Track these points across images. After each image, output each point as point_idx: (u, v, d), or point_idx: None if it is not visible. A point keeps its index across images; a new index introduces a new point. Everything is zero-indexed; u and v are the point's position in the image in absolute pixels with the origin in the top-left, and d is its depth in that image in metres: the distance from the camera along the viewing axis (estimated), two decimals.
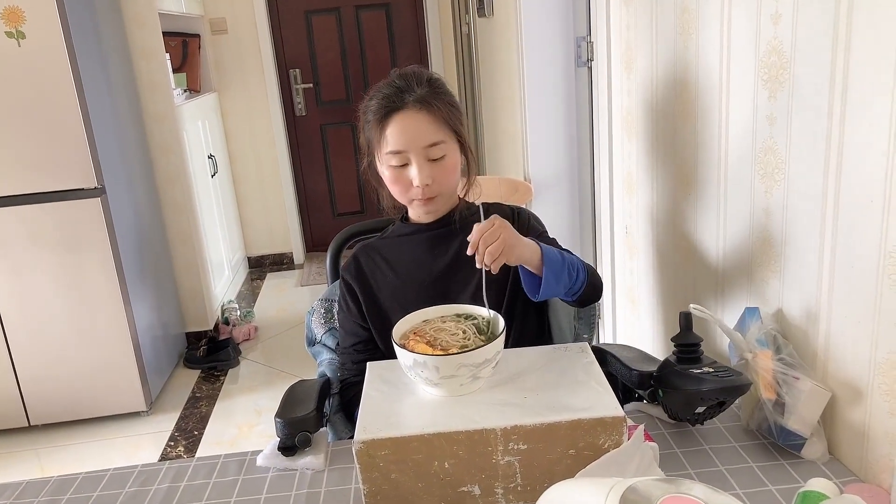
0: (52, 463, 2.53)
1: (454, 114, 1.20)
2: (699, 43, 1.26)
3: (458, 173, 1.22)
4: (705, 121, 1.27)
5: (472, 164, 1.25)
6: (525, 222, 1.29)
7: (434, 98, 1.17)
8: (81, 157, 2.47)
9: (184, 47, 3.89)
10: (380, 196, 1.29)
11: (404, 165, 1.17)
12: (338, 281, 1.35)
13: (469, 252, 1.02)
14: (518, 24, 2.33)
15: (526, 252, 1.05)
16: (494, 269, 1.01)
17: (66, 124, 2.43)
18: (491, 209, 1.26)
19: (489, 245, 1.00)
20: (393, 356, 1.00)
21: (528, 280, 1.09)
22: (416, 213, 1.27)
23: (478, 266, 1.02)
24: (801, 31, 0.97)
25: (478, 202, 1.14)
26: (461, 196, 1.29)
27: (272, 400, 1.01)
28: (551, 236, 1.29)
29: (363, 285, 1.27)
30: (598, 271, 2.11)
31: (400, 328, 1.03)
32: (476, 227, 1.02)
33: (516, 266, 1.09)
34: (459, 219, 1.25)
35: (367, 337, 1.27)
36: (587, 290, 1.15)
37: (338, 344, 1.34)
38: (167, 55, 3.17)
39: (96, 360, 2.66)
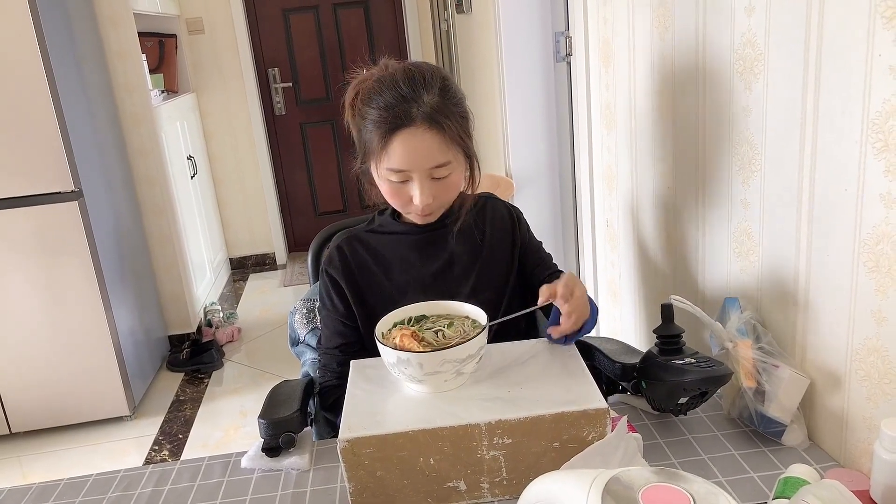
0: (35, 470, 2.50)
1: (464, 126, 1.10)
2: (675, 36, 1.27)
3: (462, 185, 1.15)
4: (683, 113, 1.28)
5: (477, 172, 1.17)
6: (525, 230, 1.27)
7: (445, 113, 1.05)
8: (57, 161, 2.43)
9: (160, 48, 3.85)
10: (369, 194, 1.20)
11: (405, 181, 1.09)
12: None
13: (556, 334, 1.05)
14: (496, 20, 2.34)
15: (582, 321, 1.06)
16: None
17: (41, 127, 2.40)
18: (488, 204, 1.25)
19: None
20: (378, 356, 0.99)
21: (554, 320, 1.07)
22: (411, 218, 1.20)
23: (556, 336, 1.05)
24: (775, 23, 0.98)
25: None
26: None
27: (257, 401, 1.01)
28: (538, 239, 1.29)
29: (349, 280, 1.19)
30: (581, 265, 2.13)
31: (383, 325, 1.02)
32: (560, 296, 1.02)
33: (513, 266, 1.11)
34: (455, 219, 1.19)
35: (353, 338, 1.20)
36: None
37: (319, 342, 1.28)
38: (143, 56, 3.14)
39: (77, 365, 2.63)
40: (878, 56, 0.80)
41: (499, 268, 1.22)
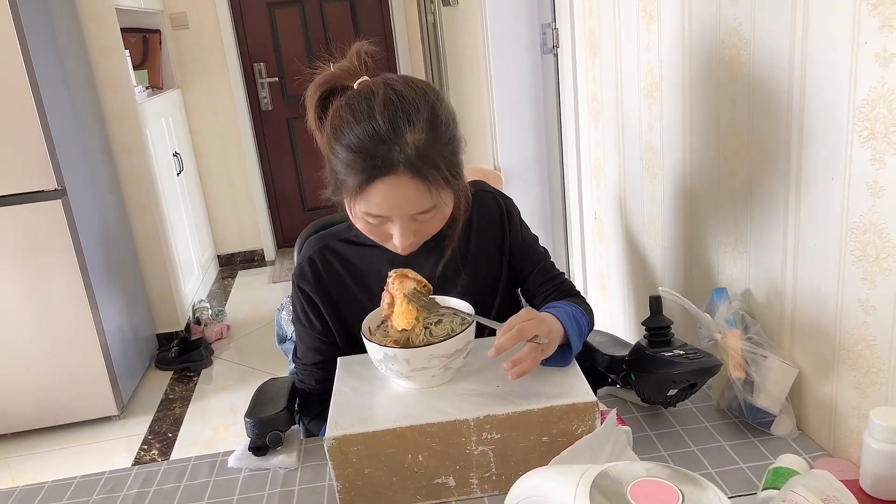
0: (23, 472, 2.48)
1: (453, 164, 0.93)
2: (661, 26, 1.26)
3: (448, 215, 1.00)
4: (669, 104, 1.27)
5: (465, 202, 1.03)
6: (516, 229, 1.13)
7: (432, 158, 0.89)
8: (40, 159, 2.40)
9: (144, 43, 3.80)
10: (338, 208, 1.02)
11: (384, 223, 0.96)
12: None
13: (492, 354, 0.90)
14: (483, 12, 2.32)
15: (555, 345, 0.95)
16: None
17: (23, 125, 2.36)
18: (476, 199, 1.11)
19: (524, 370, 0.89)
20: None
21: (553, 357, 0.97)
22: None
23: (506, 371, 0.91)
24: (760, 11, 0.97)
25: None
26: None
27: (247, 398, 1.00)
28: (534, 234, 1.18)
29: (323, 294, 1.10)
30: (569, 258, 2.13)
31: (370, 321, 1.01)
32: (503, 340, 0.89)
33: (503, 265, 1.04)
34: (442, 245, 1.08)
35: (330, 353, 1.10)
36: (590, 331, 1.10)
37: (295, 355, 1.17)
38: (126, 52, 3.10)
39: (64, 365, 2.60)
40: (865, 43, 0.80)
41: (485, 279, 1.12)
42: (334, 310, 1.11)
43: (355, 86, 0.97)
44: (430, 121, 0.90)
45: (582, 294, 1.18)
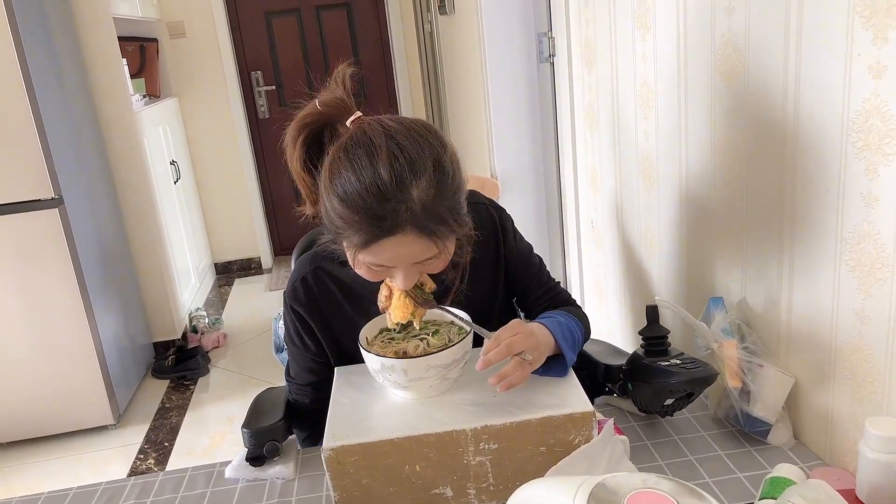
0: (18, 481, 2.47)
1: (459, 212, 0.89)
2: (657, 36, 1.27)
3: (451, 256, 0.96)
4: (665, 113, 1.28)
5: (468, 245, 1.01)
6: (511, 242, 1.12)
7: (438, 213, 0.85)
8: (37, 167, 2.40)
9: (141, 52, 3.81)
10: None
11: (387, 269, 0.93)
12: None
13: (479, 367, 0.89)
14: (479, 21, 2.33)
15: (544, 357, 0.95)
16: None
17: (20, 134, 2.36)
18: (469, 208, 0.99)
19: (511, 384, 0.89)
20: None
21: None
22: None
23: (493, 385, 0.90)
24: (755, 23, 0.98)
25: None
26: None
27: (244, 407, 0.99)
28: (528, 242, 1.17)
29: (316, 316, 1.08)
30: (566, 266, 2.13)
31: (368, 331, 1.01)
32: (490, 355, 0.89)
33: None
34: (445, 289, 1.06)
35: (324, 374, 1.09)
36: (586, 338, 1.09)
37: (288, 374, 1.16)
38: (124, 61, 3.10)
39: (60, 374, 2.59)
40: (858, 55, 0.80)
41: (481, 291, 1.10)
42: (328, 330, 1.09)
43: (348, 124, 0.91)
44: (435, 173, 0.86)
45: (578, 303, 1.18)
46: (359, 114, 0.92)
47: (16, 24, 2.31)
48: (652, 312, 1.07)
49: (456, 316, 0.99)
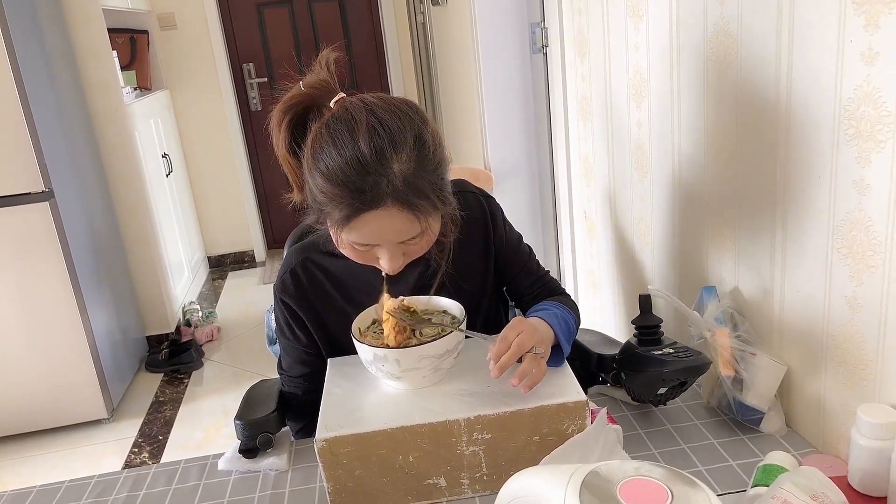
0: (11, 476, 2.46)
1: (441, 187, 0.90)
2: (649, 25, 1.26)
3: (438, 232, 0.96)
4: (658, 103, 1.28)
5: (453, 224, 1.00)
6: (501, 231, 1.11)
7: (419, 187, 0.86)
8: (27, 161, 2.38)
9: (132, 44, 3.78)
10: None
11: (371, 248, 0.93)
12: None
13: (496, 375, 0.89)
14: (472, 12, 2.32)
15: (549, 351, 0.95)
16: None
17: (10, 127, 2.34)
18: (459, 196, 1.02)
19: (534, 381, 0.90)
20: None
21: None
22: None
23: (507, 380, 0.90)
24: (747, 10, 0.98)
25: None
26: None
27: (238, 400, 0.99)
28: (517, 230, 1.16)
29: (307, 307, 1.07)
30: (560, 256, 2.13)
31: (360, 321, 1.01)
32: (504, 359, 0.89)
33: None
34: (431, 268, 1.06)
35: (316, 366, 1.09)
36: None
37: (280, 367, 1.16)
38: (114, 53, 3.08)
39: (53, 368, 2.58)
40: (850, 42, 0.80)
41: (472, 281, 1.10)
42: (319, 322, 1.09)
43: (331, 104, 0.91)
44: (416, 147, 0.86)
45: (568, 292, 1.18)
46: (341, 95, 0.92)
47: (4, 16, 2.28)
48: (645, 302, 1.07)
49: (458, 328, 0.96)
